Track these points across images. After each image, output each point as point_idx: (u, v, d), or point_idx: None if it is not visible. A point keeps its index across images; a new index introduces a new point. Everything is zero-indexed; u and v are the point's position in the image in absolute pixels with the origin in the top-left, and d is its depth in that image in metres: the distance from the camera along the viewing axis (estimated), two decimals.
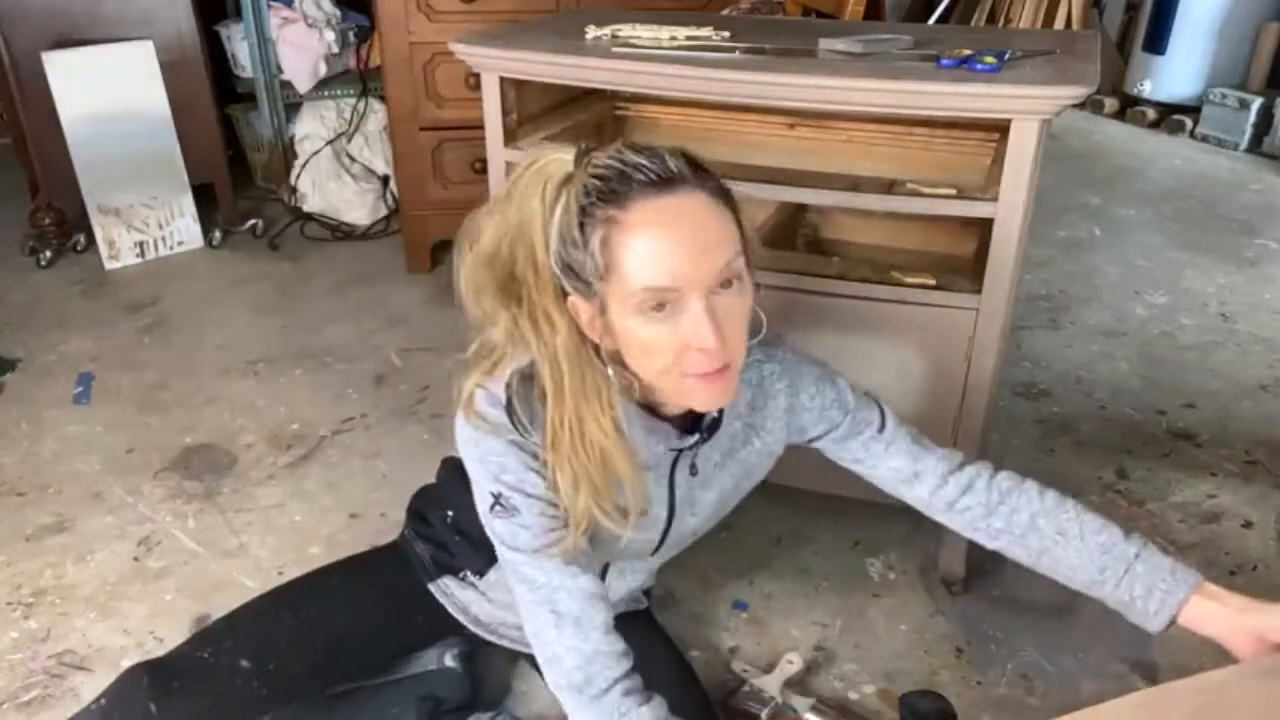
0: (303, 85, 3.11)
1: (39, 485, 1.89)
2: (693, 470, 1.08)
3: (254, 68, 3.13)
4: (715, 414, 1.03)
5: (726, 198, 0.91)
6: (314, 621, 1.19)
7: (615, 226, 0.85)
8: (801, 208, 1.75)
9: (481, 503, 0.99)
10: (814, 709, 1.34)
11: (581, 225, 0.86)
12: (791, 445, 1.17)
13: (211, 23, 3.23)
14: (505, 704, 1.39)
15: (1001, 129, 1.36)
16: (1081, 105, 3.85)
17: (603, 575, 1.20)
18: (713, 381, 0.90)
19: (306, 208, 3.13)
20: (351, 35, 3.18)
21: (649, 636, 1.30)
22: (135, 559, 1.68)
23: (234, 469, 1.92)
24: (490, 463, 0.96)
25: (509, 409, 0.95)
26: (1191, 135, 4.01)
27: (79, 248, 2.93)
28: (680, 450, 1.04)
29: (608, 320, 0.89)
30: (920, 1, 4.35)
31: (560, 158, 0.90)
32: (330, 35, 3.08)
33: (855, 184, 1.46)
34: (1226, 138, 3.88)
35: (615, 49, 1.52)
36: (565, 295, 0.90)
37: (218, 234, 2.99)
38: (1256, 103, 3.78)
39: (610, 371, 0.93)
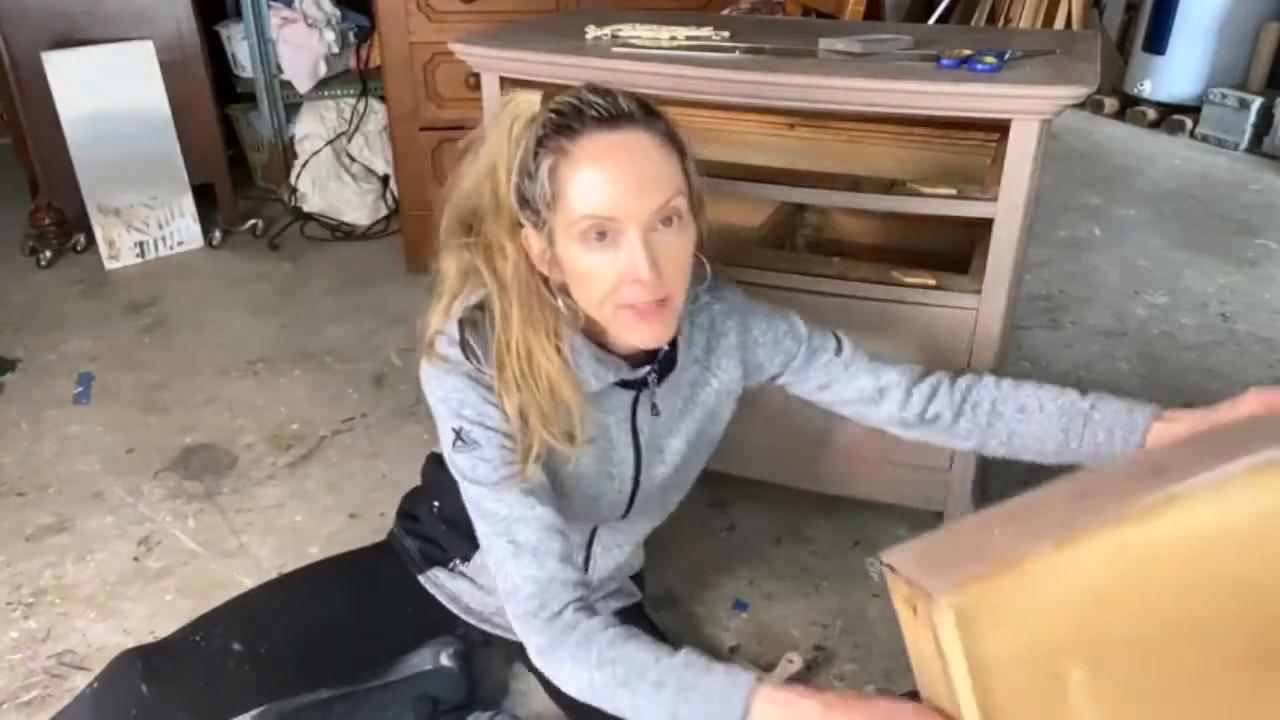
0: (303, 85, 3.11)
1: (39, 485, 1.89)
2: (654, 410, 1.09)
3: (254, 68, 3.13)
4: (666, 348, 1.04)
5: (675, 141, 0.96)
6: (306, 608, 1.20)
7: (564, 156, 0.90)
8: (801, 208, 1.76)
9: (444, 441, 1.01)
10: None
11: (536, 156, 0.92)
12: (760, 389, 1.19)
13: (211, 23, 3.23)
14: (503, 704, 1.39)
15: (1001, 129, 1.36)
16: (1081, 105, 3.85)
17: (587, 552, 1.22)
18: (649, 317, 0.94)
19: (306, 208, 3.13)
20: (351, 35, 3.18)
21: (645, 630, 1.30)
22: (135, 559, 1.68)
23: (234, 469, 1.92)
24: (451, 400, 0.99)
25: (463, 343, 0.98)
26: (1191, 135, 4.01)
27: (79, 248, 2.93)
28: (638, 391, 1.06)
29: (555, 251, 0.94)
30: (920, 1, 4.35)
31: (528, 97, 0.95)
32: (330, 35, 3.08)
33: (855, 184, 1.46)
34: (1226, 138, 3.87)
35: (615, 49, 1.52)
36: (520, 228, 0.95)
37: (218, 234, 2.99)
38: (1256, 103, 3.78)
39: (561, 304, 0.98)
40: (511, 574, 0.96)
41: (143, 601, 1.58)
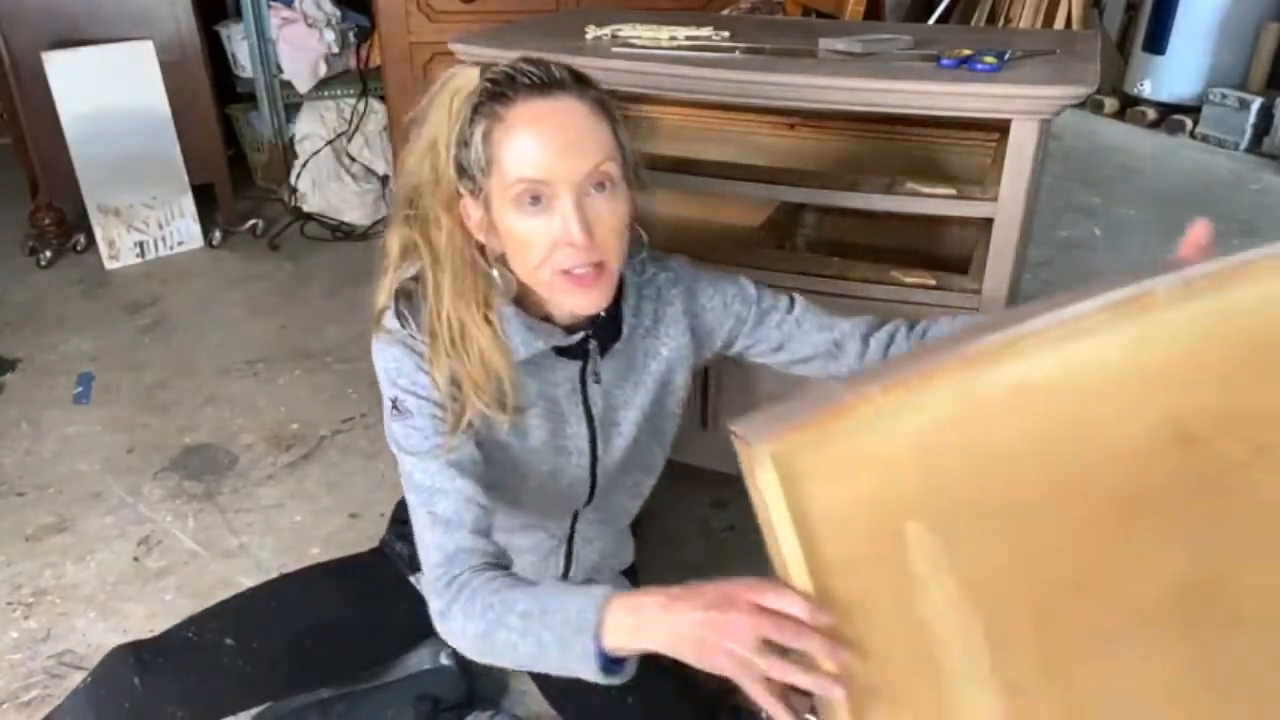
0: (303, 85, 3.11)
1: (39, 485, 1.89)
2: (596, 379, 1.10)
3: (254, 68, 3.13)
4: (603, 315, 1.05)
5: (606, 110, 0.98)
6: (299, 607, 1.20)
7: (498, 122, 0.93)
8: (801, 207, 1.76)
9: (385, 412, 1.03)
10: (814, 709, 1.34)
11: (471, 123, 0.94)
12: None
13: (211, 23, 3.23)
14: (502, 703, 1.39)
15: (1001, 129, 1.36)
16: (1081, 105, 3.85)
17: (568, 546, 1.23)
18: (585, 283, 0.96)
19: (306, 208, 3.13)
20: (351, 35, 3.18)
21: None
22: (135, 559, 1.68)
23: (234, 469, 1.92)
24: (389, 369, 1.01)
25: (398, 312, 1.00)
26: (1191, 135, 4.01)
27: (79, 248, 2.93)
28: (584, 362, 1.08)
29: (491, 217, 0.96)
30: (920, 1, 4.35)
31: (467, 70, 0.98)
32: (330, 35, 3.08)
33: (855, 184, 1.46)
34: (1226, 138, 3.87)
35: (615, 49, 1.52)
36: (459, 198, 0.98)
37: (218, 234, 2.99)
38: (1256, 103, 3.78)
39: (495, 273, 1.00)
40: (426, 544, 0.98)
41: (143, 601, 1.58)
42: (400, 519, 1.32)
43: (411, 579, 1.29)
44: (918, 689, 0.64)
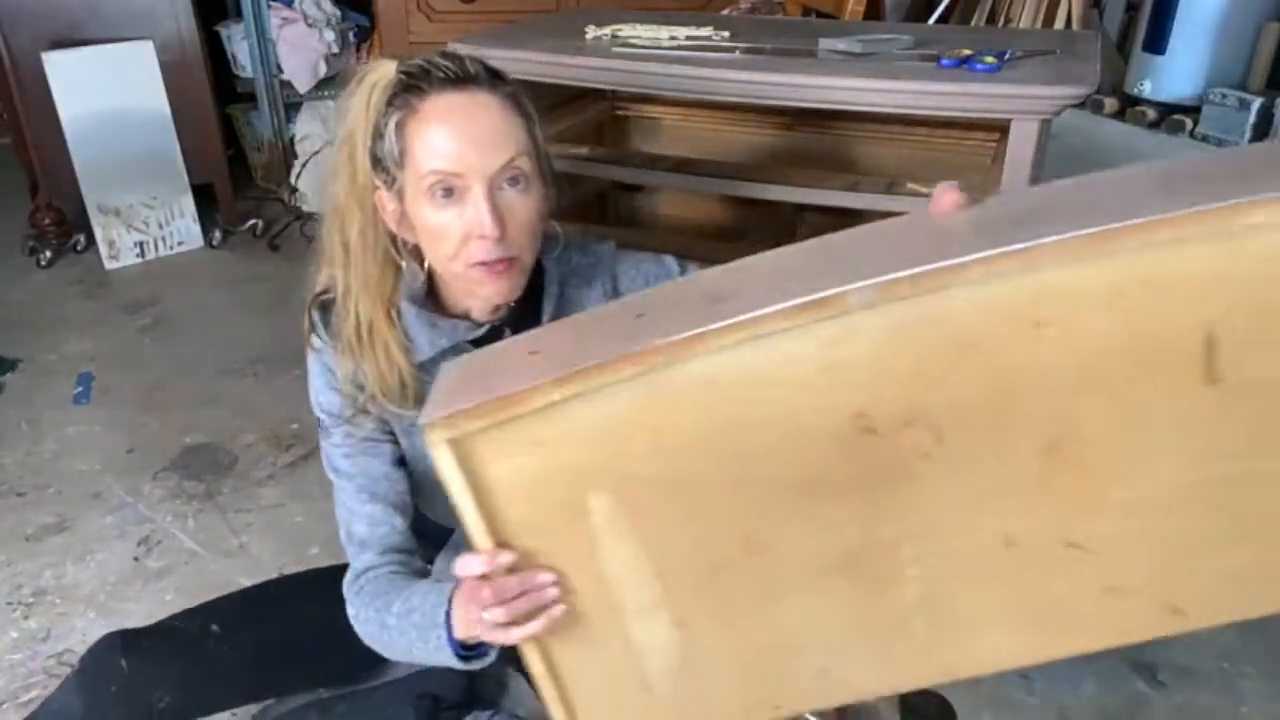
0: (303, 85, 3.11)
1: (39, 485, 1.89)
2: None
3: (254, 68, 3.13)
4: (512, 305, 1.06)
5: (520, 106, 0.98)
6: (288, 601, 1.21)
7: (412, 115, 0.94)
8: (800, 207, 1.75)
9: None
10: (813, 709, 1.34)
11: (385, 115, 0.95)
12: None
13: (211, 23, 3.23)
14: (502, 703, 1.39)
15: (1001, 129, 1.36)
16: (1081, 105, 3.85)
17: None
18: (496, 274, 0.97)
19: (306, 208, 3.13)
20: (351, 35, 3.18)
21: None
22: (135, 559, 1.68)
23: (234, 469, 1.92)
24: (313, 386, 1.05)
25: (312, 322, 1.03)
26: (1191, 135, 4.00)
27: (79, 248, 2.93)
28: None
29: (405, 209, 0.97)
30: (920, 1, 4.36)
31: (384, 64, 0.98)
32: (330, 35, 3.08)
33: (855, 184, 1.46)
34: (1226, 138, 3.87)
35: (615, 49, 1.52)
36: (375, 190, 0.99)
37: (218, 234, 2.99)
38: (1256, 103, 3.77)
39: (404, 265, 1.02)
40: (347, 555, 1.05)
41: (143, 601, 1.58)
42: None
43: None
44: (602, 627, 0.74)
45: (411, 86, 0.95)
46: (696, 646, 0.75)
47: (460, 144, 0.93)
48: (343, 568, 1.34)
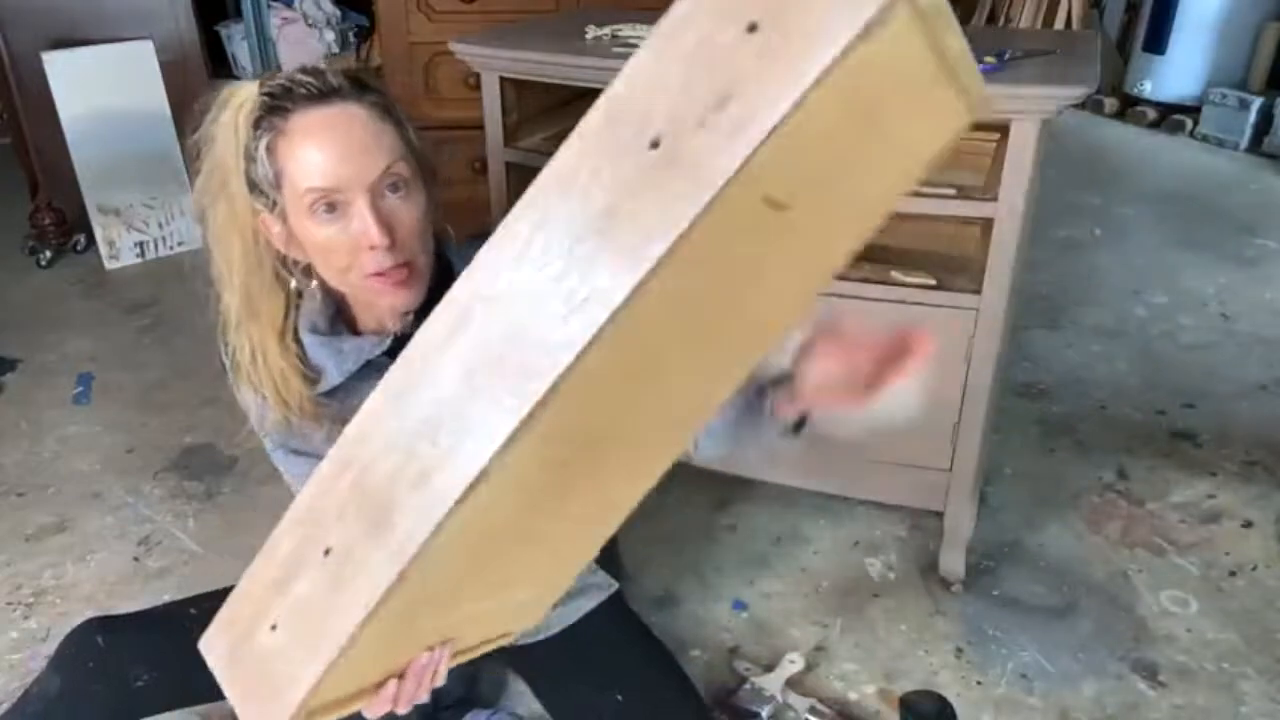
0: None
1: (39, 485, 1.89)
2: None
3: (254, 68, 3.14)
4: (412, 319, 1.06)
5: (390, 112, 0.98)
6: None
7: (280, 135, 0.93)
8: None
9: None
10: (814, 709, 1.35)
11: (255, 138, 0.94)
12: None
13: (211, 23, 3.23)
14: (502, 702, 1.39)
15: (1001, 129, 1.36)
16: (1081, 105, 3.85)
17: None
18: (394, 282, 0.97)
19: None
20: (351, 35, 3.18)
21: (626, 626, 1.30)
22: (135, 559, 1.68)
23: (234, 469, 1.92)
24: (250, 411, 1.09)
25: (222, 348, 1.06)
26: (1191, 135, 4.01)
27: (79, 248, 2.93)
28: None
29: (290, 228, 0.97)
30: None
31: (245, 85, 0.97)
32: (330, 35, 3.09)
33: None
34: (1226, 138, 3.87)
35: (615, 49, 1.52)
36: (257, 214, 0.98)
37: None
38: (1256, 103, 3.78)
39: (298, 288, 1.03)
40: None
41: (143, 601, 1.58)
42: None
43: None
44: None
45: (275, 107, 0.94)
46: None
47: (334, 159, 0.92)
48: None
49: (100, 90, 2.71)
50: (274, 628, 0.74)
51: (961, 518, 1.54)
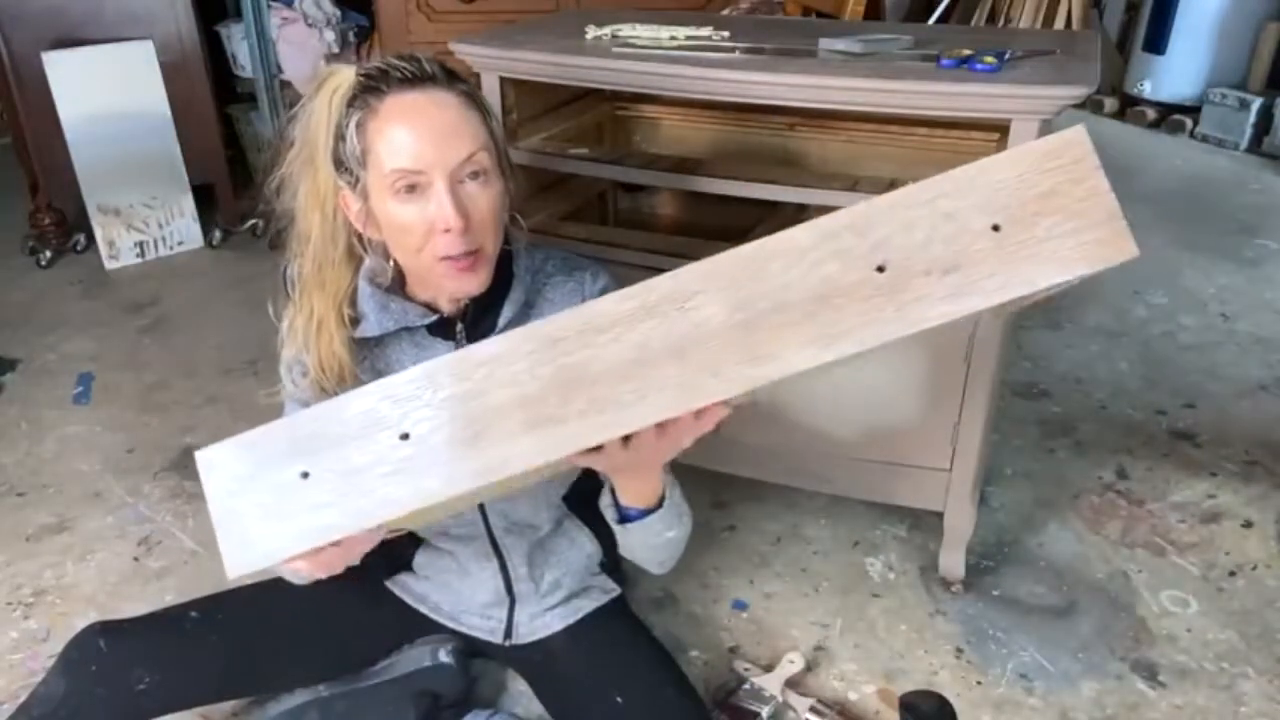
0: (303, 85, 3.11)
1: (39, 485, 1.89)
2: None
3: (254, 68, 3.13)
4: (469, 304, 1.09)
5: (478, 102, 1.01)
6: (269, 590, 1.20)
7: (372, 115, 0.97)
8: (802, 208, 1.75)
9: None
10: (814, 709, 1.35)
11: (346, 116, 0.98)
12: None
13: (211, 23, 3.23)
14: (501, 702, 1.39)
15: (1001, 129, 1.36)
16: (1081, 105, 3.85)
17: (491, 540, 1.24)
18: (462, 267, 1.00)
19: None
20: (351, 35, 3.18)
21: (626, 628, 1.31)
22: (135, 559, 1.68)
23: None
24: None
25: (287, 292, 1.10)
26: (1191, 135, 4.01)
27: (79, 248, 2.93)
28: (456, 345, 1.10)
29: (370, 207, 1.00)
30: (920, 1, 4.35)
31: (342, 69, 1.01)
32: (330, 35, 3.08)
33: (855, 184, 1.46)
34: (1226, 138, 3.87)
35: (615, 49, 1.52)
36: (338, 191, 1.02)
37: (218, 234, 2.99)
38: (1256, 103, 3.77)
39: (369, 261, 1.07)
40: None
41: (143, 601, 1.58)
42: None
43: (387, 583, 1.32)
44: None
45: (370, 88, 0.97)
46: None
47: (421, 141, 0.96)
48: None
49: (100, 90, 2.71)
50: (305, 475, 0.78)
51: (961, 518, 1.54)
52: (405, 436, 0.76)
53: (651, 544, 1.11)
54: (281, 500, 0.79)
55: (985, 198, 0.74)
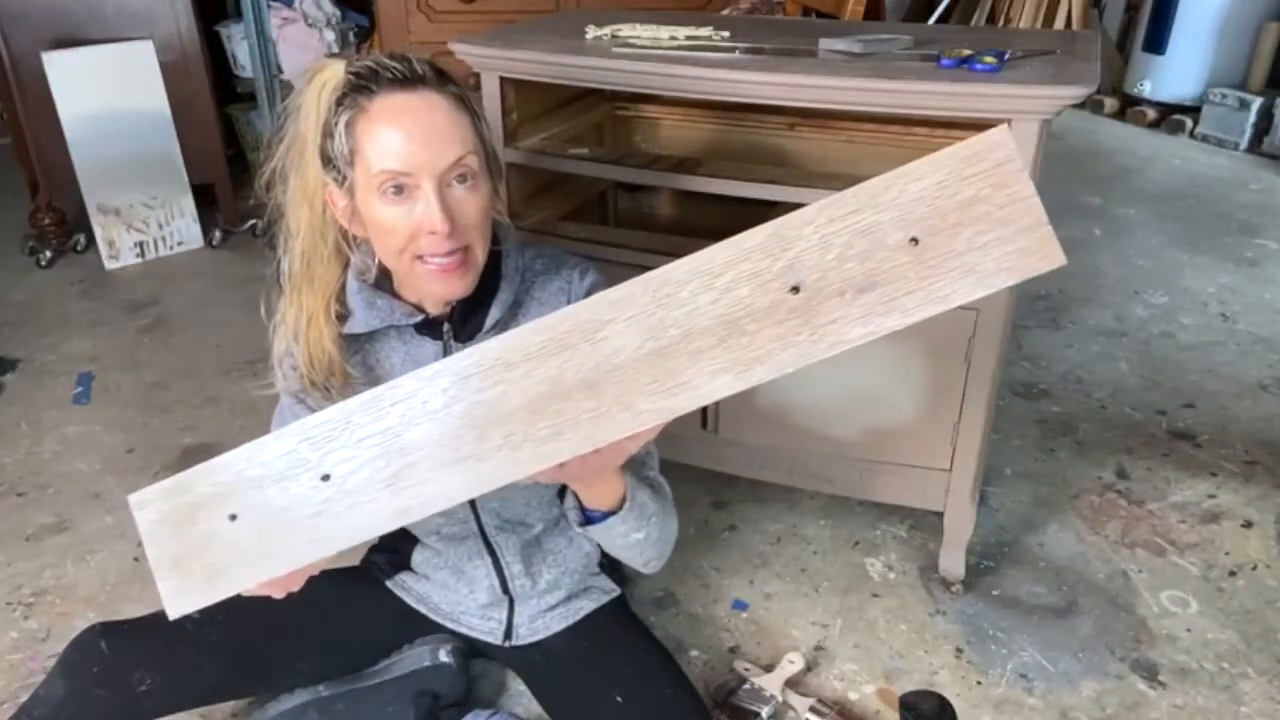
0: (298, 85, 3.11)
1: (39, 485, 1.89)
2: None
3: (254, 68, 3.13)
4: (457, 305, 1.09)
5: (467, 105, 1.01)
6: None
7: (362, 115, 0.96)
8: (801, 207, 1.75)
9: None
10: (814, 709, 1.35)
11: (335, 114, 0.97)
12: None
13: (211, 23, 3.23)
14: (501, 702, 1.39)
15: None
16: (1081, 105, 3.85)
17: (484, 538, 1.24)
18: (448, 270, 1.00)
19: None
20: (351, 35, 3.18)
21: (626, 628, 1.31)
22: (135, 559, 1.68)
23: None
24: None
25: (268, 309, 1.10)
26: (1191, 135, 4.01)
27: (79, 248, 2.93)
28: (445, 344, 1.11)
29: (356, 205, 1.00)
30: (920, 1, 4.36)
31: (332, 64, 1.01)
32: (330, 35, 3.09)
33: (855, 184, 1.46)
34: (1226, 138, 3.87)
35: (615, 49, 1.52)
36: (324, 187, 1.02)
37: (218, 234, 2.99)
38: (1256, 103, 3.78)
39: (355, 258, 1.07)
40: None
41: (143, 601, 1.58)
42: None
43: (389, 584, 1.33)
44: None
45: (361, 87, 0.97)
46: None
47: (410, 143, 0.95)
48: (325, 571, 1.36)
49: (100, 90, 2.71)
50: (233, 517, 0.79)
51: (961, 518, 1.54)
52: (326, 478, 0.76)
53: (619, 545, 1.10)
54: (211, 544, 0.80)
55: (903, 210, 0.70)
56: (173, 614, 0.83)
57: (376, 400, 0.75)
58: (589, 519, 1.06)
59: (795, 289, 0.71)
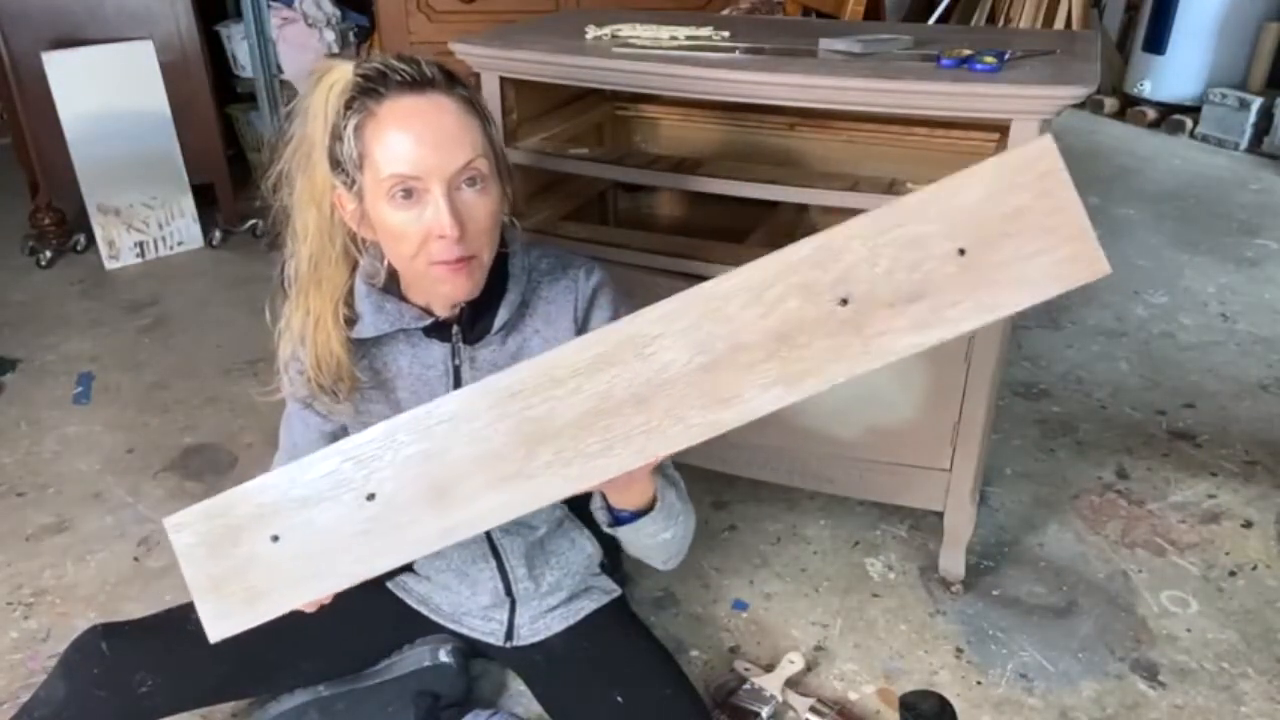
0: (302, 86, 3.11)
1: (39, 485, 1.89)
2: (472, 363, 1.12)
3: (254, 68, 3.13)
4: (466, 308, 1.09)
5: (476, 108, 1.00)
6: None
7: (371, 118, 0.96)
8: (802, 208, 1.75)
9: None
10: (814, 709, 1.35)
11: (344, 118, 0.97)
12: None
13: (211, 23, 3.23)
14: (501, 702, 1.39)
15: (1001, 129, 1.36)
16: (1081, 105, 3.85)
17: (490, 543, 1.24)
18: (456, 272, 0.99)
19: None
20: (351, 35, 3.18)
21: (626, 628, 1.31)
22: (135, 559, 1.68)
23: (234, 469, 1.92)
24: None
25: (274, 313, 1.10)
26: (1191, 135, 4.01)
27: (79, 248, 2.93)
28: (453, 346, 1.11)
29: (365, 208, 0.99)
30: (920, 1, 4.35)
31: (339, 65, 1.00)
32: (330, 35, 3.08)
33: (855, 184, 1.46)
34: (1226, 137, 3.87)
35: (615, 49, 1.52)
36: (332, 190, 1.01)
37: (218, 234, 2.99)
38: (1256, 103, 3.77)
39: (364, 261, 1.06)
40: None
41: (143, 601, 1.58)
42: None
43: (389, 585, 1.32)
44: None
45: (369, 89, 0.96)
46: None
47: (419, 147, 0.94)
48: None
49: (100, 90, 2.70)
50: (275, 539, 0.77)
51: (961, 518, 1.54)
52: (371, 497, 0.75)
53: (646, 545, 1.11)
54: (252, 566, 0.78)
55: (950, 221, 0.70)
56: (213, 638, 0.81)
57: (420, 418, 0.75)
58: (618, 519, 1.06)
59: (844, 301, 0.72)
